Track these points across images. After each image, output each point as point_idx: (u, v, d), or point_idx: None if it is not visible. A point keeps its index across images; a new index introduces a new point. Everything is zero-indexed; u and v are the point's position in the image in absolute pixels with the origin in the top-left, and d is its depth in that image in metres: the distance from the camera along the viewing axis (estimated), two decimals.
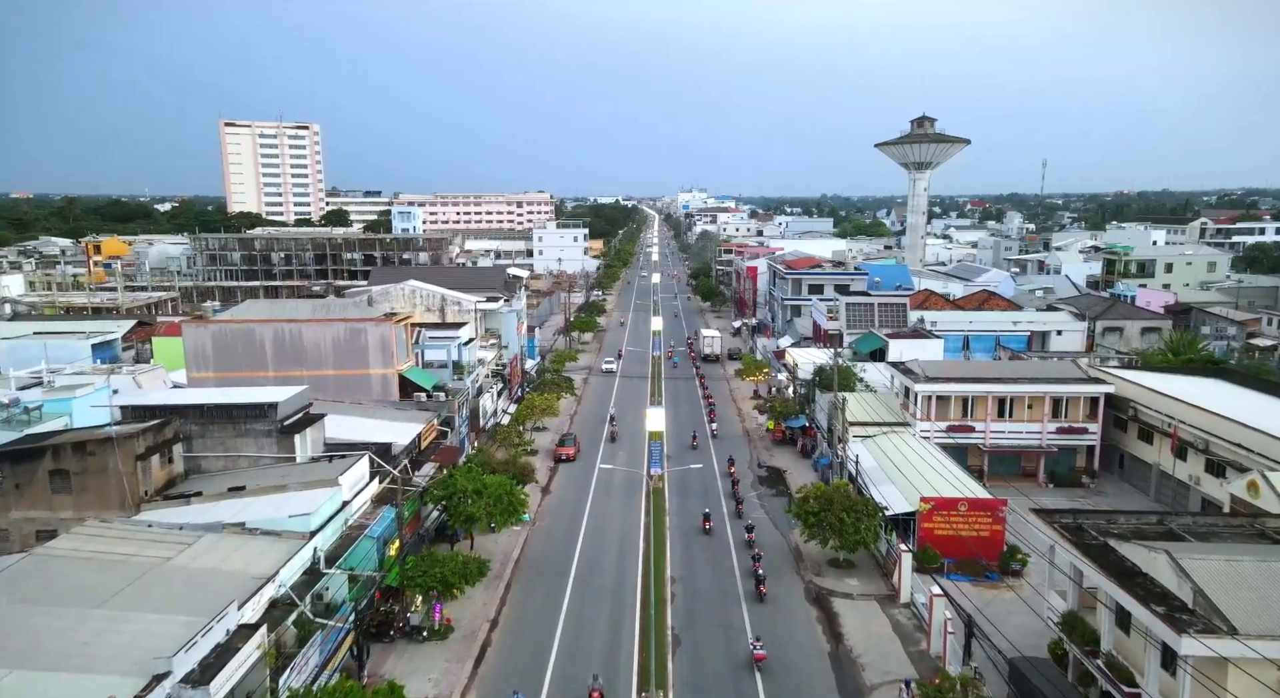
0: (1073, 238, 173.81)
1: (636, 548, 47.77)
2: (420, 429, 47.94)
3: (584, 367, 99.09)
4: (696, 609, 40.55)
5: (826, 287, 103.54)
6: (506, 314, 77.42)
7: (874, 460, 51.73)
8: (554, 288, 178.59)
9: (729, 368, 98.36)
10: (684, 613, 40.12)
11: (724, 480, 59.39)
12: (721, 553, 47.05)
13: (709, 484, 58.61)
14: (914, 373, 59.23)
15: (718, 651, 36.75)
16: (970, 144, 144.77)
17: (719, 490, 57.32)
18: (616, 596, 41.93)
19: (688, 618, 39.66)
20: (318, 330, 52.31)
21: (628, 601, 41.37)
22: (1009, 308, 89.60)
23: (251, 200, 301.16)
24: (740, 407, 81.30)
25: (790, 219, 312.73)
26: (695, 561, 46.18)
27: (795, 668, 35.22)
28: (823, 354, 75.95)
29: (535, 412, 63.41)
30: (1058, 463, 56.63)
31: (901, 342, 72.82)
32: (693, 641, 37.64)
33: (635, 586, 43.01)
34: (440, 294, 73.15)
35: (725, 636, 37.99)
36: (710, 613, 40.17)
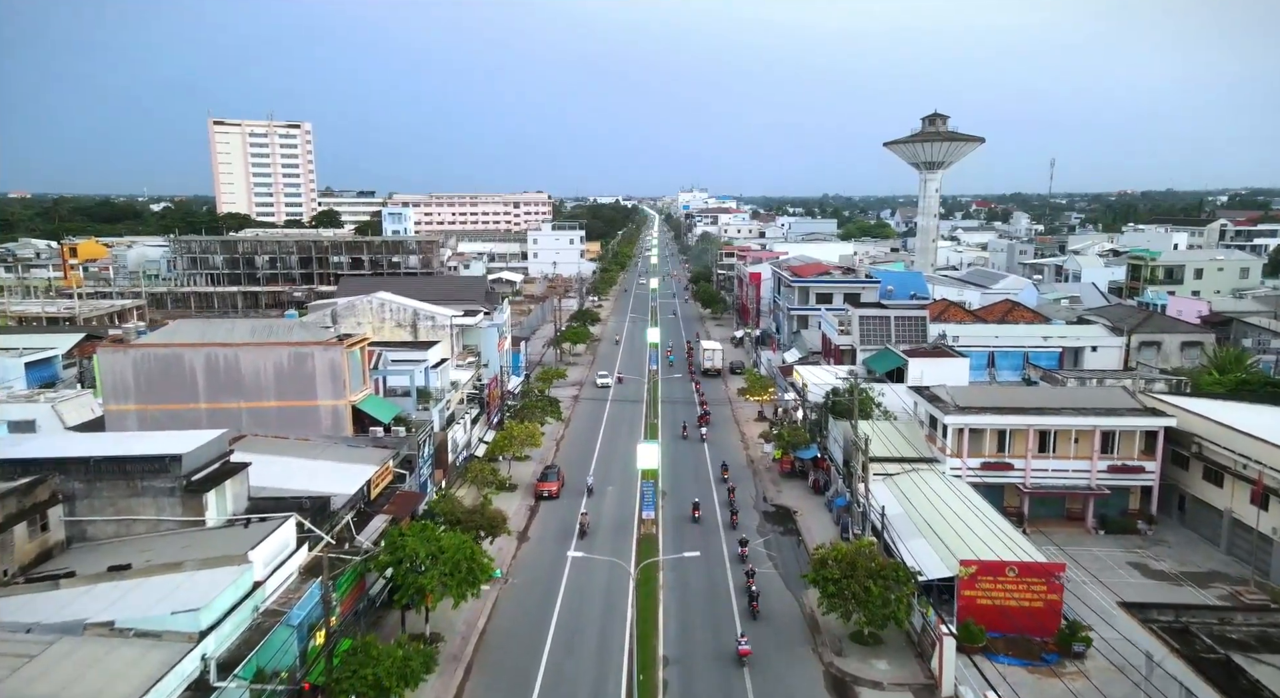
0: (1089, 240, 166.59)
1: (624, 614, 40.69)
2: (371, 474, 40.84)
3: (575, 381, 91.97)
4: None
5: (836, 295, 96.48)
6: (487, 329, 70.32)
7: (899, 506, 44.66)
8: (548, 292, 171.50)
9: (731, 385, 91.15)
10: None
11: (723, 510, 52.94)
12: (723, 618, 39.97)
13: (709, 533, 51.51)
14: (942, 402, 52.12)
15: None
16: (984, 142, 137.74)
17: (718, 526, 50.23)
18: (598, 685, 34.84)
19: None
20: (257, 355, 45.26)
21: (610, 693, 34.28)
22: (1035, 320, 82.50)
23: (242, 201, 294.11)
24: (744, 430, 74.15)
25: (793, 220, 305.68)
26: (693, 631, 39.10)
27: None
28: (835, 373, 68.90)
29: (514, 443, 56.31)
30: (1108, 505, 49.48)
31: (922, 361, 65.61)
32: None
33: (621, 669, 35.91)
34: (412, 308, 66.17)
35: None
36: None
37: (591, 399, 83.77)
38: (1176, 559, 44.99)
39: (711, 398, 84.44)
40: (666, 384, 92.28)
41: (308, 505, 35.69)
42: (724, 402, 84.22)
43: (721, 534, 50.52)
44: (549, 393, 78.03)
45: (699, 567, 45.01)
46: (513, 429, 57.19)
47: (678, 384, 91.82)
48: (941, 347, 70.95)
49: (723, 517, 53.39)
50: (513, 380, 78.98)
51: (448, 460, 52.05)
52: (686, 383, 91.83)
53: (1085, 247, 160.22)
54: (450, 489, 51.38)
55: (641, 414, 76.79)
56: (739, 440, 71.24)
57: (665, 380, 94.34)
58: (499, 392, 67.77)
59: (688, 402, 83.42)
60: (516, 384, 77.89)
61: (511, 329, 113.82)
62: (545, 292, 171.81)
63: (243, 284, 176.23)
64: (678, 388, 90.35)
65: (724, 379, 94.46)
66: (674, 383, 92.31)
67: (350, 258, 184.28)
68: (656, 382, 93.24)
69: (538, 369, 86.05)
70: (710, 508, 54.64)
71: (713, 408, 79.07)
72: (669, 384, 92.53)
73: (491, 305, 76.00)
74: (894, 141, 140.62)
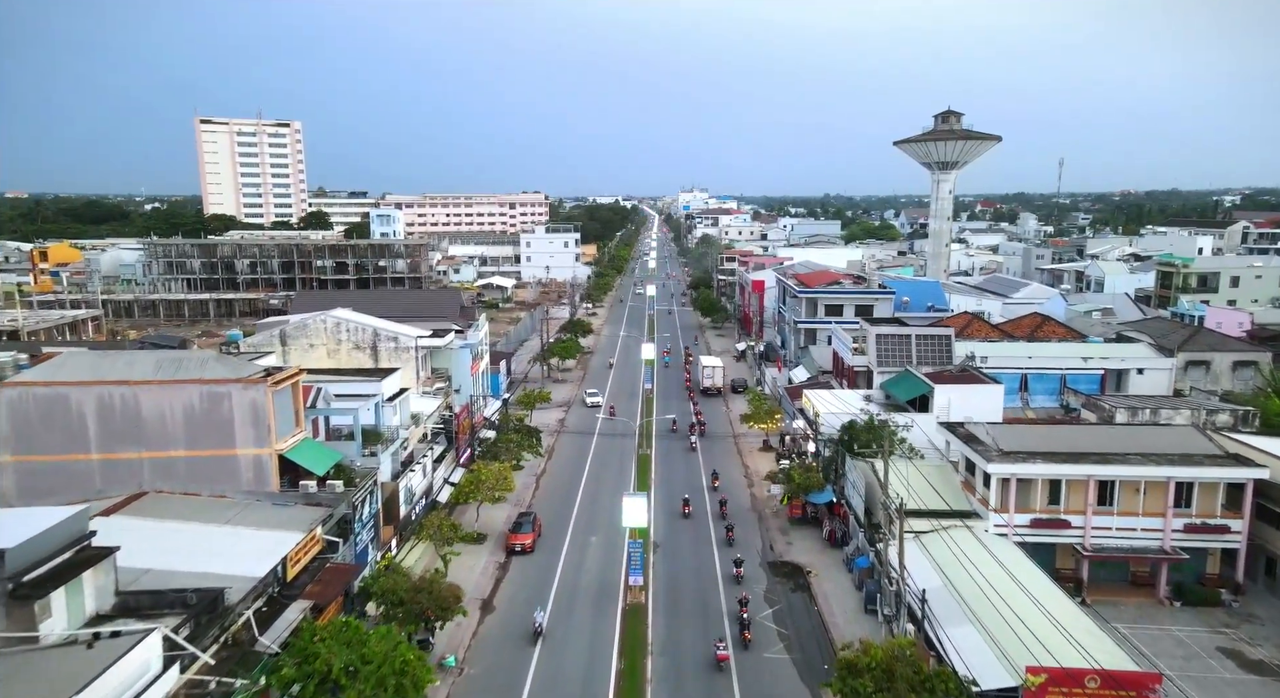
0: (1108, 244, 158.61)
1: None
2: (289, 548, 32.99)
3: (563, 401, 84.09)
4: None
5: (847, 308, 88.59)
6: (458, 350, 62.47)
7: (936, 576, 36.83)
8: (541, 298, 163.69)
9: (733, 407, 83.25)
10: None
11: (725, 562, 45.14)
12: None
13: (707, 590, 43.68)
14: (982, 445, 44.28)
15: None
16: (1000, 141, 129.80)
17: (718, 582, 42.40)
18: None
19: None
20: (162, 396, 37.43)
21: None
22: (1069, 336, 74.63)
23: (230, 202, 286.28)
24: (747, 462, 66.31)
25: (796, 222, 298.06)
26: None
27: None
28: (849, 399, 61.09)
29: (481, 489, 48.43)
30: (1184, 570, 41.62)
31: (949, 387, 57.79)
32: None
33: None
34: (372, 328, 58.32)
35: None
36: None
37: (577, 432, 73.79)
38: (1276, 644, 37.11)
39: (713, 429, 76.39)
40: (662, 406, 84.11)
41: (194, 601, 27.86)
42: (726, 429, 76.14)
43: (721, 595, 42.71)
44: (530, 420, 70.28)
45: (696, 646, 37.23)
46: (481, 472, 49.27)
47: (675, 407, 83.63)
48: (970, 370, 63.12)
49: (724, 568, 45.70)
50: (490, 405, 71.10)
51: (398, 514, 44.18)
52: (684, 404, 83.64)
53: (1105, 251, 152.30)
54: (398, 556, 43.49)
55: (632, 449, 68.62)
56: (741, 475, 63.35)
57: (660, 401, 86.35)
58: (469, 422, 59.82)
59: (684, 435, 75.27)
60: (494, 411, 69.94)
61: (498, 342, 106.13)
62: (538, 297, 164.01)
63: (221, 290, 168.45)
64: (675, 410, 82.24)
65: (725, 399, 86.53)
66: (671, 405, 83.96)
67: (334, 262, 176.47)
68: (651, 403, 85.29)
69: (519, 391, 78.02)
70: (709, 561, 46.85)
71: (714, 441, 70.93)
72: (665, 406, 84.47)
73: (466, 322, 68.16)
74: (905, 140, 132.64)
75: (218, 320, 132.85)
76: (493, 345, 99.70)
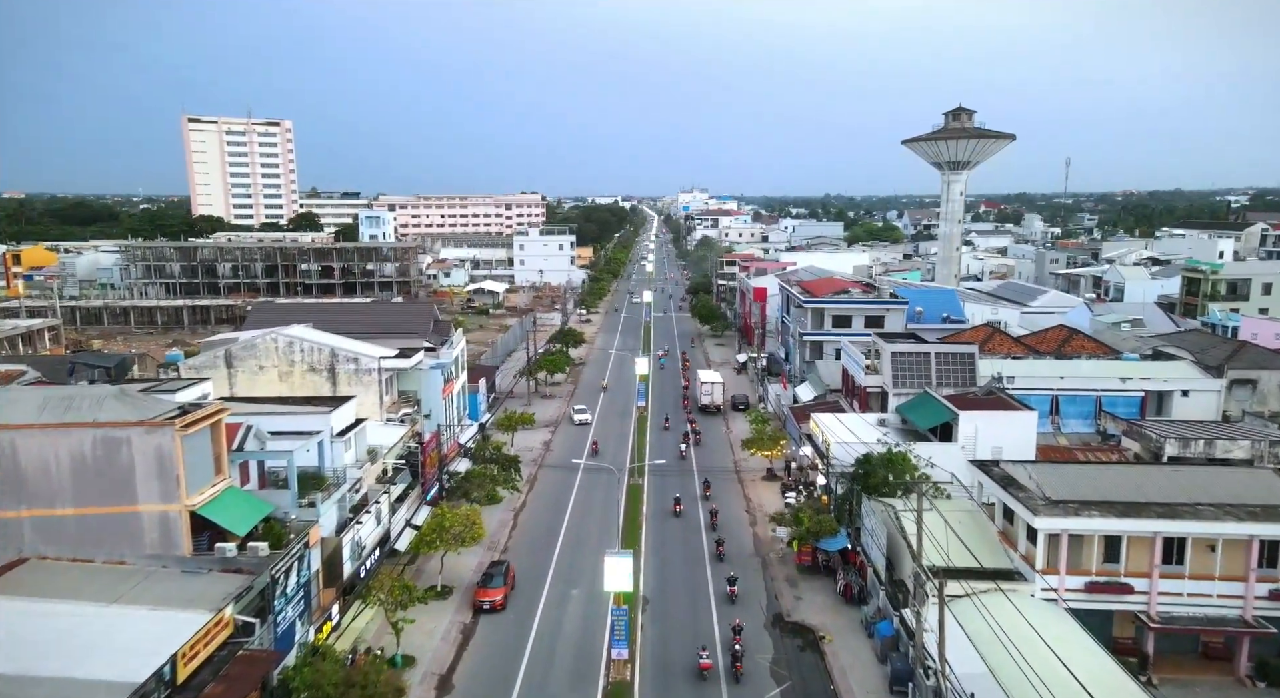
0: (1124, 247, 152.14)
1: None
2: (183, 643, 26.63)
3: (549, 421, 77.70)
4: None
5: (856, 319, 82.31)
6: (428, 371, 56.14)
7: (979, 658, 30.47)
8: (534, 304, 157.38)
9: (734, 426, 76.93)
10: None
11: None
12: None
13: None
14: (1024, 491, 37.94)
15: None
16: (1014, 140, 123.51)
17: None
18: None
19: None
20: (46, 442, 31.13)
21: None
22: (1100, 351, 68.21)
23: (219, 203, 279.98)
24: (749, 494, 59.95)
25: (797, 223, 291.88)
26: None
27: None
28: (862, 425, 54.75)
29: (446, 537, 42.01)
30: (1268, 644, 35.22)
31: (976, 414, 51.43)
32: None
33: None
34: (330, 348, 51.99)
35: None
36: None
37: (559, 467, 65.09)
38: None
39: (712, 457, 69.98)
40: (656, 440, 77.17)
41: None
42: (725, 455, 69.74)
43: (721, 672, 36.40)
44: (511, 446, 63.96)
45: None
46: (445, 517, 42.83)
47: (669, 439, 76.92)
48: (996, 392, 56.77)
49: (723, 632, 39.42)
50: (468, 429, 64.73)
51: (343, 572, 37.74)
52: (680, 425, 77.13)
53: (1121, 254, 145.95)
54: (340, 624, 37.08)
55: (623, 480, 62.11)
56: (742, 510, 56.99)
57: (655, 425, 79.96)
58: (437, 455, 53.29)
59: (677, 465, 68.71)
60: (471, 436, 63.50)
61: (483, 354, 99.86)
62: (530, 303, 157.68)
63: (201, 295, 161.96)
64: (669, 443, 75.57)
65: (725, 418, 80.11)
66: (664, 436, 76.59)
67: (319, 266, 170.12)
68: (644, 426, 78.96)
69: (501, 411, 71.53)
70: (707, 620, 40.51)
71: (714, 472, 64.43)
72: (659, 437, 77.88)
73: (440, 338, 61.79)
74: (914, 139, 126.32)
75: (192, 328, 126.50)
76: (475, 359, 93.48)
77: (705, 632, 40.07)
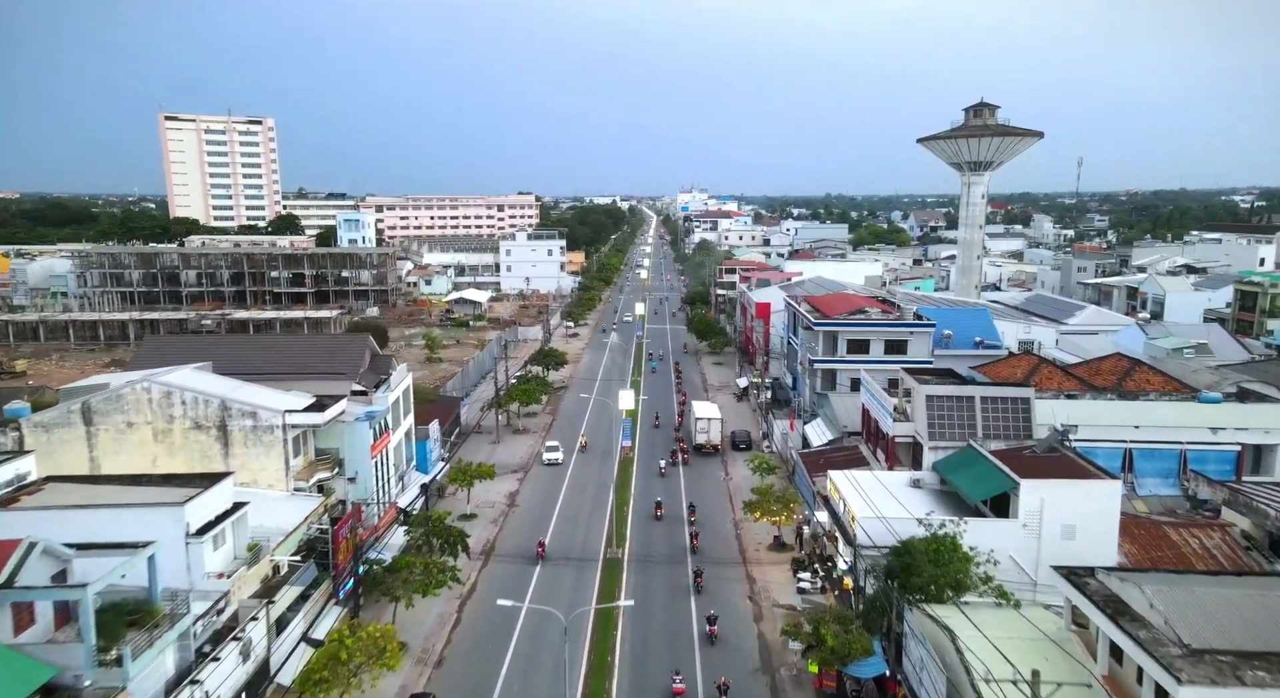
0: (1155, 253, 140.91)
1: None
2: None
3: (517, 465, 66.67)
4: None
5: (875, 343, 71.29)
6: (353, 423, 45.01)
7: None
8: (519, 314, 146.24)
9: (734, 470, 65.87)
10: None
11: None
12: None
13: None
14: (1152, 635, 26.79)
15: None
16: (1042, 137, 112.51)
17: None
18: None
19: None
20: None
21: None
22: (1171, 387, 57.12)
23: (198, 204, 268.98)
24: (753, 574, 48.80)
25: (800, 225, 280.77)
26: None
27: None
28: (892, 486, 43.75)
29: (341, 675, 30.84)
30: None
31: (1043, 484, 40.31)
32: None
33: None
34: (220, 399, 40.90)
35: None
36: None
37: (513, 562, 49.24)
38: None
39: (706, 526, 58.63)
40: (643, 494, 66.34)
41: None
42: (724, 520, 58.48)
43: None
44: (470, 502, 52.86)
45: None
46: (343, 643, 31.58)
47: (665, 473, 66.07)
48: (1061, 449, 45.65)
49: None
50: (416, 483, 53.57)
51: None
52: (675, 479, 65.78)
53: (1152, 261, 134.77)
54: None
55: (593, 584, 50.69)
56: (744, 597, 45.83)
57: (642, 472, 68.81)
58: (353, 540, 41.81)
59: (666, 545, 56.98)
60: (415, 497, 52.17)
61: (453, 376, 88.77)
62: (515, 314, 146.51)
63: (163, 305, 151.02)
64: (657, 486, 64.65)
65: (724, 461, 68.96)
66: (652, 483, 65.38)
67: (290, 273, 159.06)
68: (628, 474, 67.91)
69: (456, 461, 60.14)
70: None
71: (710, 536, 53.28)
72: (646, 485, 66.77)
73: (377, 377, 50.71)
74: (931, 137, 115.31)
75: (136, 345, 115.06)
76: (441, 384, 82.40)
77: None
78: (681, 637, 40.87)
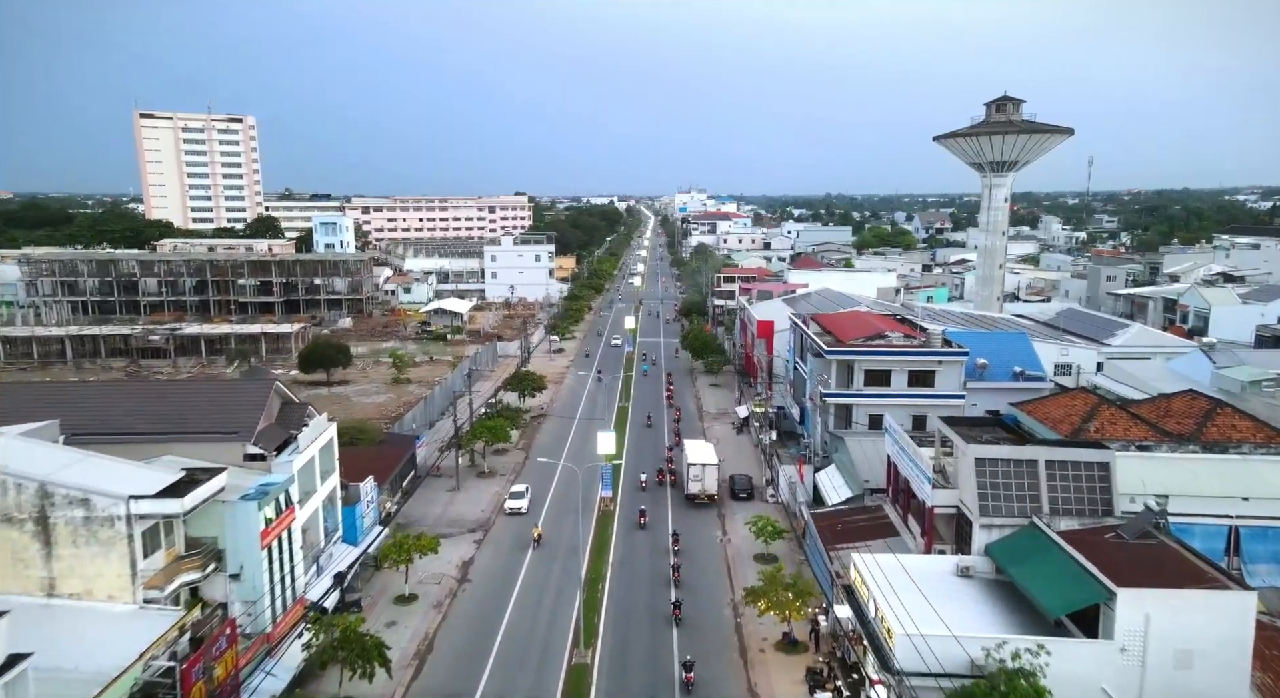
0: (1189, 260, 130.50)
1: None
2: None
3: (474, 522, 56.30)
4: None
5: (896, 374, 60.99)
6: (237, 504, 34.53)
7: None
8: (502, 326, 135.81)
9: (734, 528, 55.50)
10: None
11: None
12: None
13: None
14: None
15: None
16: (1072, 135, 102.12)
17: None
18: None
19: None
20: None
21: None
22: (1268, 436, 46.67)
23: (176, 205, 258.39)
24: (754, 677, 38.40)
25: (801, 226, 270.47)
26: None
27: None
28: (934, 574, 33.51)
29: None
30: None
31: (1148, 594, 29.98)
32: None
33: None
34: (38, 483, 30.46)
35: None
36: None
37: (454, 656, 39.53)
38: None
39: (697, 616, 48.25)
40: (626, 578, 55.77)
41: None
42: (720, 603, 47.95)
43: None
44: (406, 581, 42.42)
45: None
46: None
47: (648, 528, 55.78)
48: (1156, 534, 35.24)
49: None
50: (334, 568, 43.04)
51: None
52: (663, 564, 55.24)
53: (1185, 269, 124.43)
54: None
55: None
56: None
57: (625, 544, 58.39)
58: (225, 672, 31.25)
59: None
60: (329, 589, 41.48)
61: (419, 403, 78.33)
62: (498, 325, 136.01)
63: (119, 314, 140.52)
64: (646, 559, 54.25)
65: (720, 513, 58.50)
66: (642, 565, 55.05)
67: (258, 281, 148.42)
68: (605, 548, 57.52)
69: (385, 540, 49.22)
70: None
71: (698, 636, 42.80)
72: (630, 568, 56.24)
73: (281, 436, 40.30)
74: (949, 135, 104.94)
75: (77, 363, 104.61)
76: (402, 413, 71.99)
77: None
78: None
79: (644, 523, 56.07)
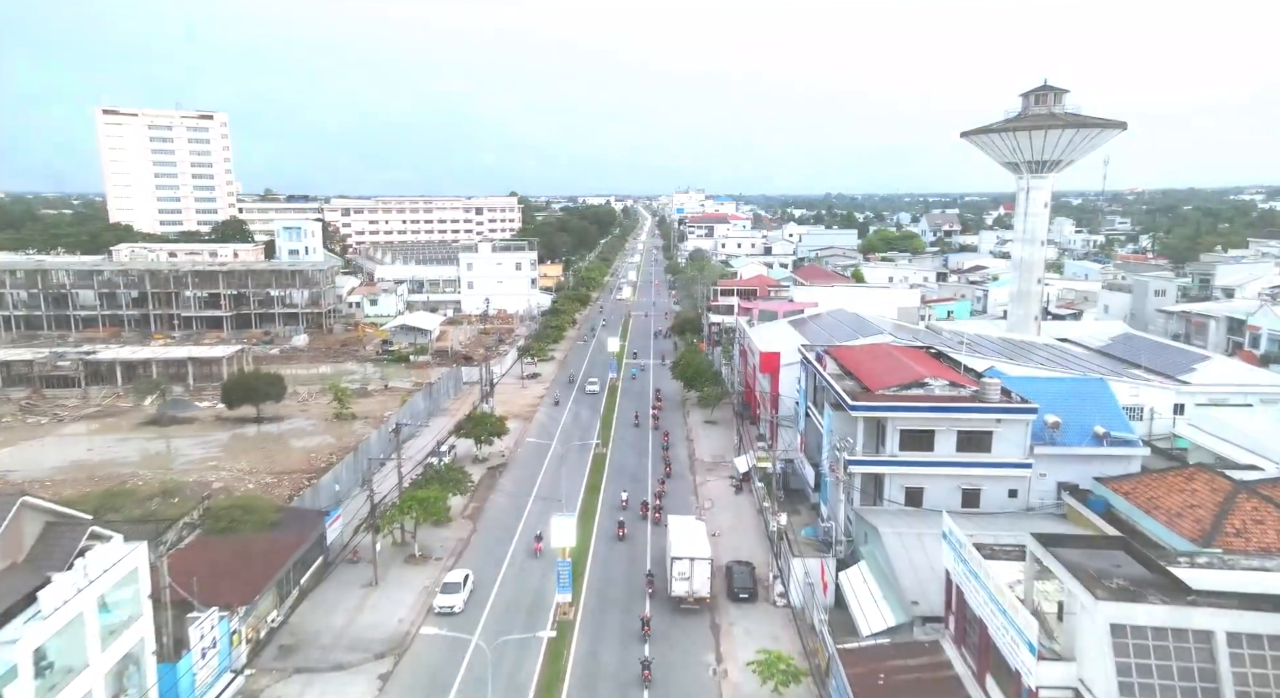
0: (1244, 271, 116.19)
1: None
2: None
3: (388, 639, 42.22)
4: None
5: (942, 435, 46.91)
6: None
7: None
8: (475, 344, 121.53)
9: (733, 648, 41.32)
10: None
11: None
12: None
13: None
14: None
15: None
16: (1125, 129, 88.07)
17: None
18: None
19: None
20: None
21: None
22: None
23: (142, 207, 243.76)
24: None
25: (804, 230, 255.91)
26: None
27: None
28: None
29: None
30: None
31: None
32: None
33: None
34: None
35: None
36: None
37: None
38: None
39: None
40: None
41: None
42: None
43: None
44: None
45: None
46: None
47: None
48: None
49: None
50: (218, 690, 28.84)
51: None
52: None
53: (1242, 281, 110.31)
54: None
55: None
56: None
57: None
58: None
59: None
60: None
61: (349, 453, 64.06)
62: (471, 343, 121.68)
63: (46, 329, 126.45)
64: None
65: (715, 623, 44.31)
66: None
67: (206, 294, 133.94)
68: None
69: (239, 690, 34.96)
70: None
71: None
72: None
73: (31, 581, 26.15)
74: (979, 130, 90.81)
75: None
76: (327, 465, 57.88)
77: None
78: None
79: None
